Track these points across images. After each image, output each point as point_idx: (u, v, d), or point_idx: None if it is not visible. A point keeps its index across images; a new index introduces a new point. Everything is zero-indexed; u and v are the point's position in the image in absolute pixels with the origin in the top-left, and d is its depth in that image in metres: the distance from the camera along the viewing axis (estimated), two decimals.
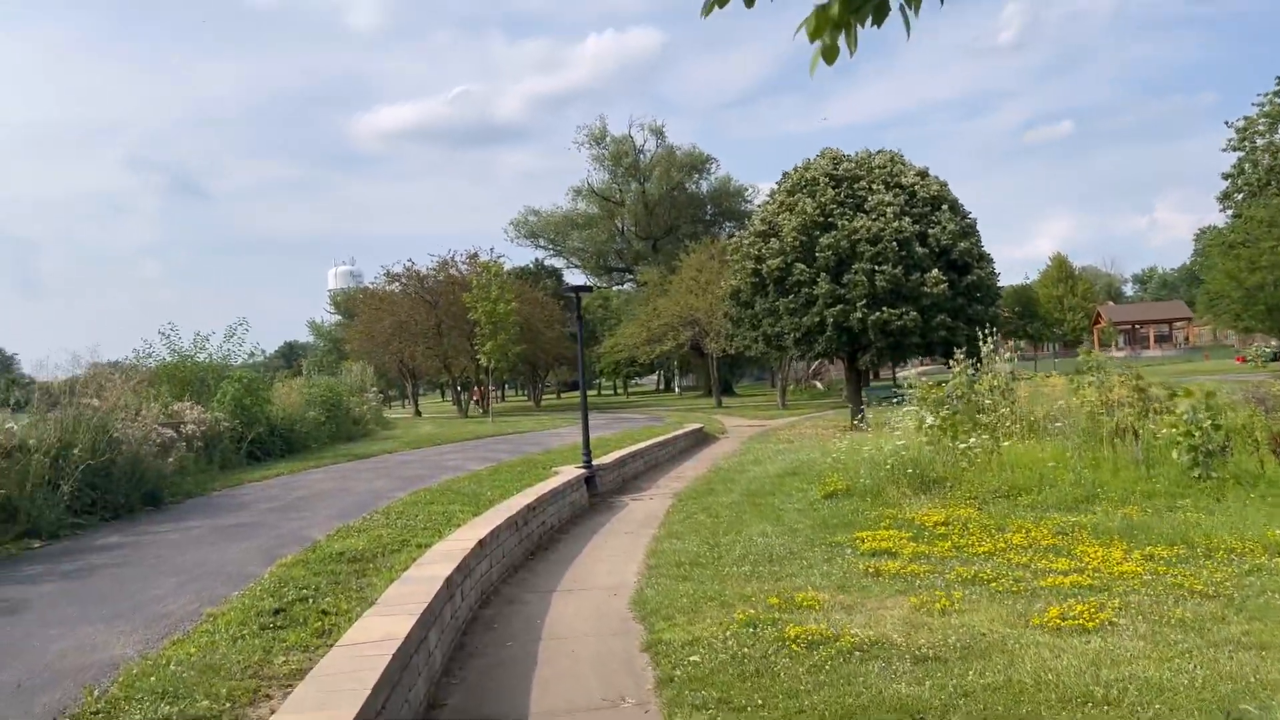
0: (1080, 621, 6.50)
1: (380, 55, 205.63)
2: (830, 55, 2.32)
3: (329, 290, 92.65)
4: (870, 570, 8.38)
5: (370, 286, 63.08)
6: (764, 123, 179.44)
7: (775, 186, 28.55)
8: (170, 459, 14.41)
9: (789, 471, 16.34)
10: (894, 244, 24.52)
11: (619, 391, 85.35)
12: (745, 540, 10.15)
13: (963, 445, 13.32)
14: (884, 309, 24.16)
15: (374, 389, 37.90)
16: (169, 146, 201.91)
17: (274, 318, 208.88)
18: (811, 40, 2.30)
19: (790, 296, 25.13)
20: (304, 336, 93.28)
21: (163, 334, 25.26)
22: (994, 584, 7.63)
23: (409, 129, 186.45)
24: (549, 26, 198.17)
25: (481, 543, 8.55)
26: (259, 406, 21.05)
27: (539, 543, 11.16)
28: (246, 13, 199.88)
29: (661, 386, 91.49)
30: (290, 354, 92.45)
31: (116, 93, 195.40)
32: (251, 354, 25.65)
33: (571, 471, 14.83)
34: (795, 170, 27.63)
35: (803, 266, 24.97)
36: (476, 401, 57.68)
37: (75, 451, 11.19)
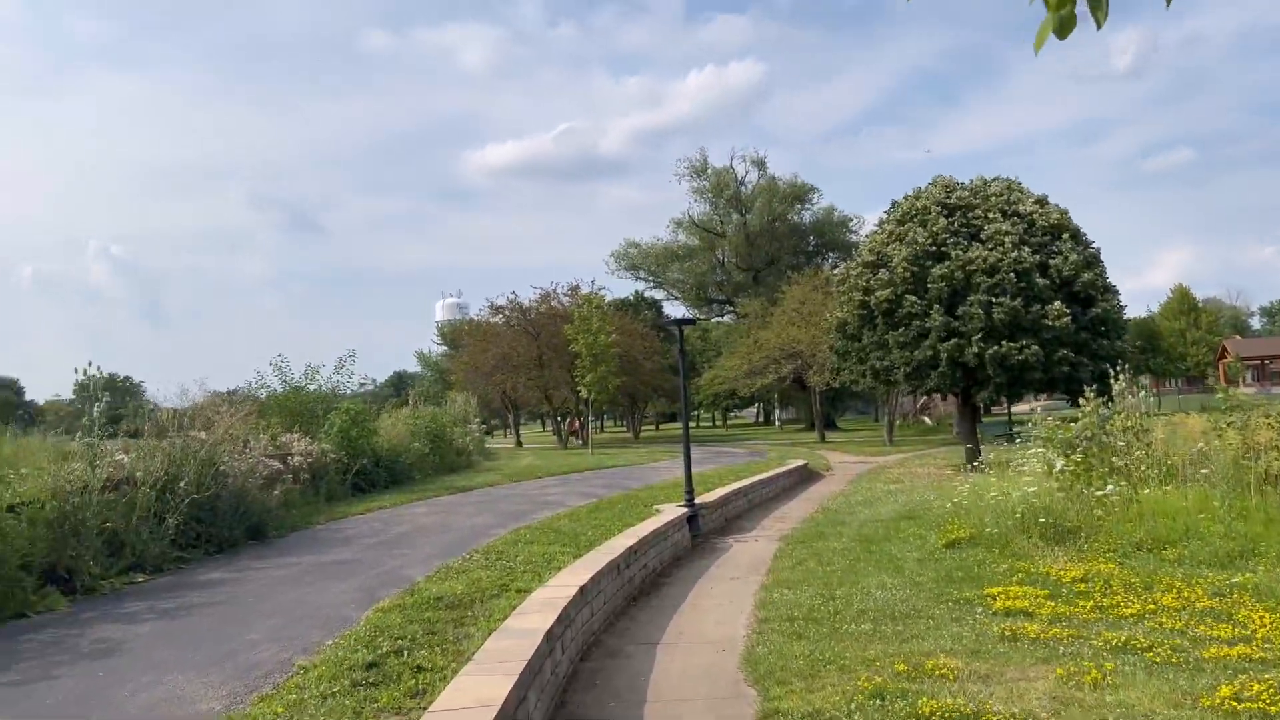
0: (1259, 704, 5.67)
1: (489, 95, 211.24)
2: (1066, 27, 1.80)
3: (437, 322, 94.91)
4: (1006, 633, 7.61)
5: (475, 318, 64.04)
6: (865, 153, 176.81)
7: (884, 216, 27.71)
8: (276, 491, 14.44)
9: (904, 515, 15.48)
10: (1012, 275, 23.39)
11: (718, 424, 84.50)
12: (863, 593, 9.45)
13: (1098, 492, 12.31)
14: (1002, 343, 23.00)
15: (477, 420, 38.09)
16: (288, 184, 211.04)
17: (385, 348, 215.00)
18: (1054, 8, 1.79)
19: (901, 329, 24.18)
20: (413, 366, 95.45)
21: (275, 365, 25.90)
22: (1149, 653, 6.80)
23: (515, 165, 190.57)
24: (651, 63, 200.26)
25: (583, 589, 8.11)
26: (364, 438, 21.18)
27: (641, 587, 10.67)
28: (362, 56, 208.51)
29: (761, 419, 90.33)
30: (400, 384, 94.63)
31: (240, 133, 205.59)
32: (362, 384, 26.09)
33: (673, 510, 14.34)
34: (905, 199, 26.73)
35: (914, 298, 24.02)
36: (572, 433, 57.87)
37: (181, 484, 11.22)
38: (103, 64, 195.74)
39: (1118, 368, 15.13)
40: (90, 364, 11.18)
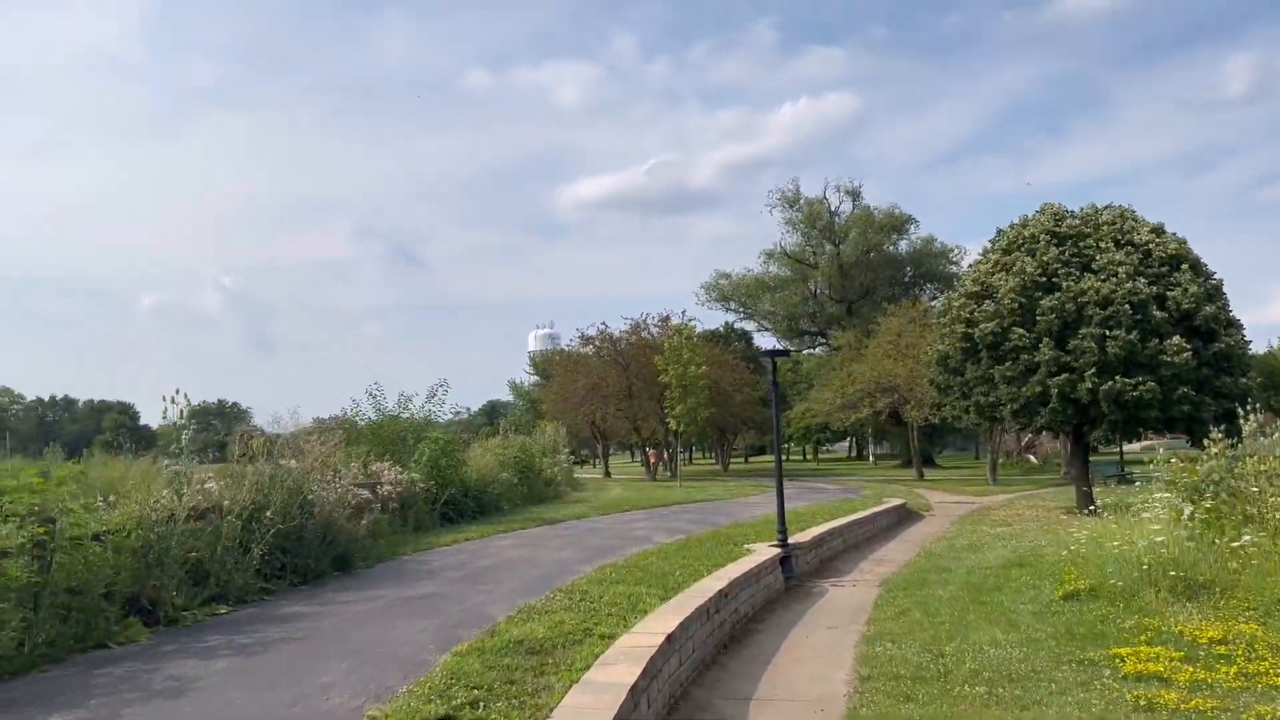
0: None
1: (582, 130, 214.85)
2: None
3: (529, 352, 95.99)
4: (1140, 702, 6.85)
5: (566, 349, 64.38)
6: (964, 184, 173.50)
7: (988, 245, 26.61)
8: (364, 521, 14.33)
9: (1014, 562, 14.55)
10: (1127, 307, 22.11)
11: (808, 458, 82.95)
12: (974, 649, 8.73)
13: (1233, 543, 11.27)
14: (1117, 378, 21.71)
15: (566, 450, 37.99)
16: (390, 217, 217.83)
17: (479, 377, 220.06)
18: None
19: (1007, 363, 23.07)
20: (506, 396, 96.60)
21: (369, 393, 26.18)
22: None
23: (608, 198, 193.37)
24: (744, 96, 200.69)
25: (670, 637, 7.63)
26: (453, 468, 21.12)
27: (731, 634, 10.12)
28: (463, 95, 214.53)
29: (854, 454, 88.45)
30: (493, 413, 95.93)
31: (346, 169, 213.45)
32: (455, 413, 26.18)
33: (765, 550, 13.76)
34: (1012, 227, 25.65)
35: (1021, 331, 22.91)
36: (654, 464, 57.64)
37: (268, 514, 11.13)
38: (217, 104, 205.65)
39: (1246, 406, 14.03)
40: (178, 391, 11.24)
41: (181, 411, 11.22)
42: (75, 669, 7.46)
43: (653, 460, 58.67)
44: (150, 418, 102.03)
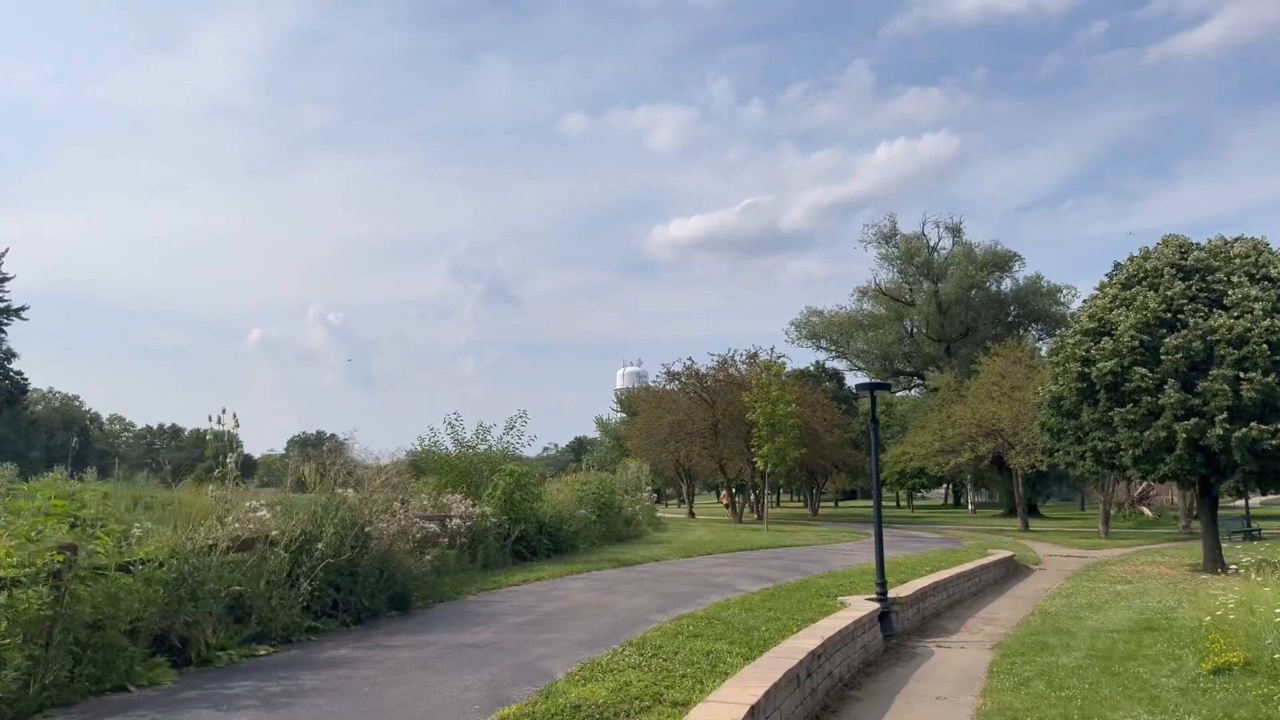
0: None
1: (676, 172, 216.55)
2: None
3: (616, 389, 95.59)
4: None
5: (652, 385, 63.46)
6: (1066, 225, 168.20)
7: (1104, 280, 24.78)
8: (427, 556, 13.53)
9: (1144, 625, 12.93)
10: (1265, 346, 20.11)
11: (901, 504, 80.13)
12: None
13: None
14: (1253, 424, 19.70)
15: (649, 488, 36.95)
16: (487, 257, 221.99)
17: (569, 415, 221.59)
18: None
19: (1128, 406, 21.21)
20: (594, 433, 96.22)
21: (448, 423, 25.52)
22: None
23: (700, 239, 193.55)
24: (840, 137, 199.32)
25: (753, 709, 6.50)
26: (528, 502, 20.27)
27: (824, 702, 8.88)
28: (560, 138, 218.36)
29: (951, 501, 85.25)
30: (580, 449, 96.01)
31: (446, 210, 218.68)
32: (546, 449, 25.51)
33: (861, 604, 12.45)
34: (1132, 260, 23.81)
35: (1144, 371, 21.05)
36: (727, 505, 56.15)
37: (319, 546, 10.35)
38: (326, 148, 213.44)
39: None
40: (224, 410, 10.58)
41: (227, 432, 10.57)
42: (81, 715, 6.70)
43: (725, 501, 57.46)
44: (253, 447, 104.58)
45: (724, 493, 59.01)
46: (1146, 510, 50.71)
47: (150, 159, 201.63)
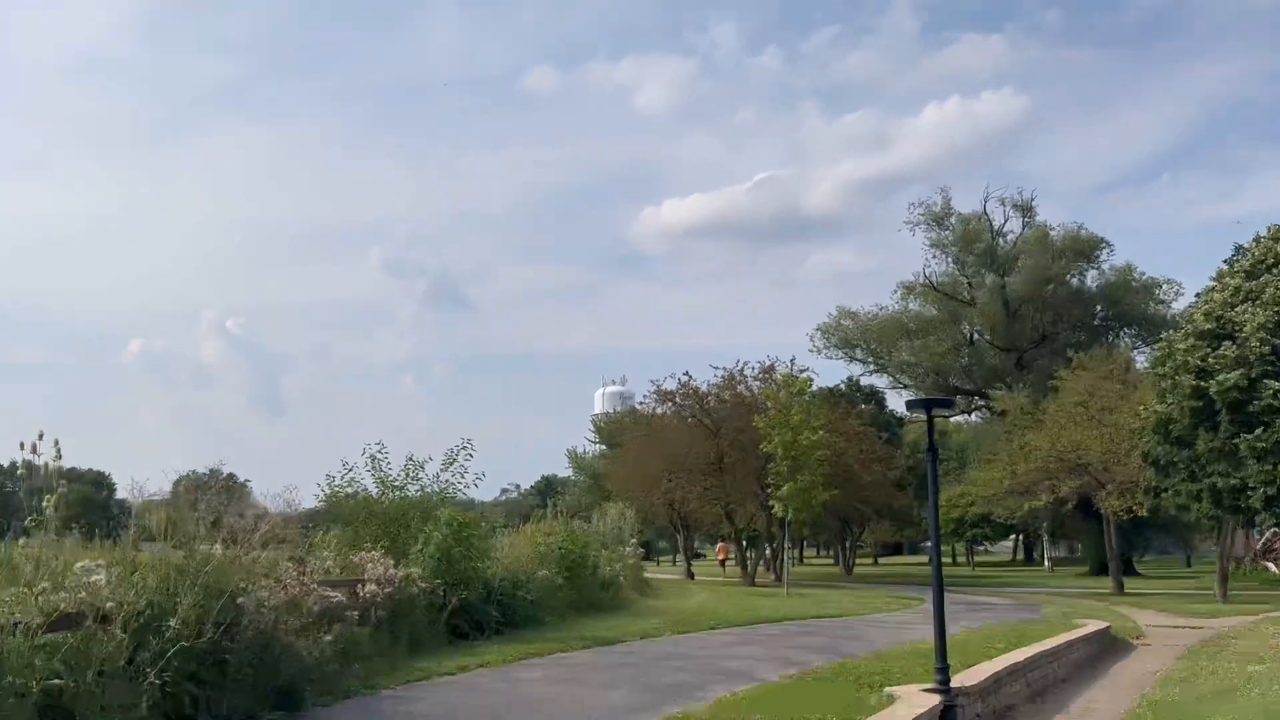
0: None
1: (669, 140, 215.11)
2: None
3: (594, 415, 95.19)
4: None
5: (639, 409, 63.07)
6: (1159, 207, 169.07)
7: (1223, 268, 24.47)
8: (328, 636, 12.87)
9: None
10: None
11: (960, 560, 79.86)
12: None
13: None
14: None
15: (634, 541, 36.35)
16: (431, 248, 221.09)
17: (535, 446, 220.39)
18: None
19: (1258, 431, 20.83)
20: (565, 469, 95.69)
21: (370, 457, 24.74)
22: None
23: (699, 224, 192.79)
24: (876, 96, 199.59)
25: None
26: (471, 561, 19.60)
27: None
28: (523, 98, 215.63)
29: (1021, 557, 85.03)
30: (547, 490, 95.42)
31: (380, 189, 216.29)
32: (505, 490, 24.71)
33: (917, 696, 11.91)
34: (1258, 241, 23.52)
35: (1277, 385, 20.71)
36: (722, 562, 56.55)
37: (173, 623, 9.66)
38: (227, 111, 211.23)
39: None
40: (41, 436, 9.83)
41: (46, 465, 9.85)
42: None
43: (720, 557, 57.19)
44: (128, 492, 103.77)
45: (720, 545, 58.58)
46: (1273, 566, 50.47)
47: (5, 127, 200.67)
